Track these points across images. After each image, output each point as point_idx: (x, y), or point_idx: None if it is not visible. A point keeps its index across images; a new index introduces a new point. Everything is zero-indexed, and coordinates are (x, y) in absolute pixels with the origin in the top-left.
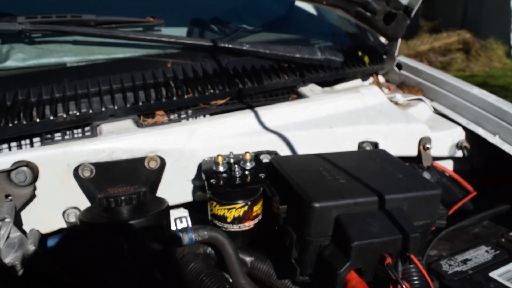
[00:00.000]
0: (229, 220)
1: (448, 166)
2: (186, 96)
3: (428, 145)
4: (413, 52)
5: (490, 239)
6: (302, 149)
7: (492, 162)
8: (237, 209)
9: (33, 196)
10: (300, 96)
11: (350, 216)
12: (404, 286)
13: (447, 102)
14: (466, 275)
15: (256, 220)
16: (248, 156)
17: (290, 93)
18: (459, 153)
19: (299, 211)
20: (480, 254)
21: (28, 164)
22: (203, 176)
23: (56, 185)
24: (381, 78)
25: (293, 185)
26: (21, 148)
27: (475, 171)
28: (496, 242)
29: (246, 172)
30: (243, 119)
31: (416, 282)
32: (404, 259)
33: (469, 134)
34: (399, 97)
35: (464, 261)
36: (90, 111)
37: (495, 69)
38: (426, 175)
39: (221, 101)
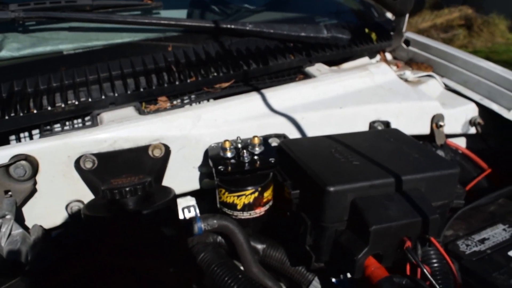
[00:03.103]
0: (239, 207)
1: (461, 143)
2: (189, 80)
3: (441, 123)
4: (414, 29)
5: (507, 217)
6: (312, 131)
7: (507, 138)
8: (247, 196)
9: (33, 191)
10: (307, 76)
11: (366, 199)
12: (425, 270)
13: (458, 77)
14: (485, 255)
15: (267, 207)
16: (256, 140)
17: (296, 74)
18: (473, 130)
19: (313, 196)
20: (498, 233)
21: (27, 158)
22: (210, 163)
23: (57, 178)
24: (388, 56)
25: (305, 169)
26: (20, 141)
27: (489, 148)
28: None
29: (255, 157)
30: (249, 102)
31: (436, 265)
32: (424, 242)
33: (483, 110)
34: (409, 74)
35: (482, 241)
36: (90, 100)
37: (498, 44)
38: (440, 153)
39: (226, 84)
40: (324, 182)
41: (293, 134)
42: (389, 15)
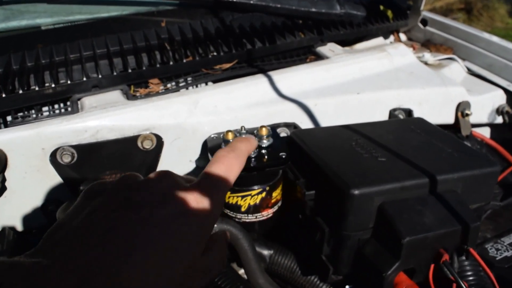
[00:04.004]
0: (243, 209)
1: (485, 134)
2: (184, 60)
3: (467, 111)
4: None
5: None
6: (326, 120)
7: None
8: (253, 196)
9: (2, 189)
10: (319, 57)
11: (397, 204)
12: (465, 287)
13: (482, 61)
14: None
15: (275, 208)
16: (264, 131)
17: (307, 54)
18: (499, 119)
19: (332, 199)
20: None
21: None
22: (210, 157)
23: (30, 174)
24: (402, 36)
25: (322, 167)
26: None
27: None
28: None
29: (263, 151)
30: (254, 86)
31: (472, 278)
32: (461, 253)
33: (511, 97)
34: (428, 56)
35: None
36: (69, 82)
37: (497, 29)
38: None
39: (227, 65)
40: (346, 183)
41: (305, 123)
42: None
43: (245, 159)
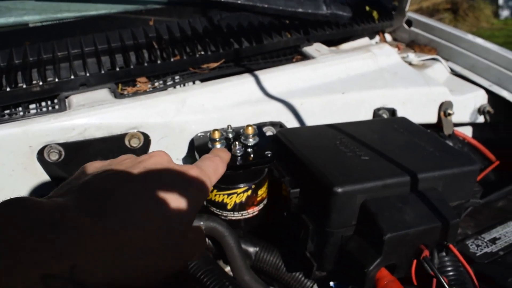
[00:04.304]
0: (229, 207)
1: (467, 133)
2: (172, 59)
3: (449, 111)
4: None
5: None
6: (311, 119)
7: None
8: (239, 194)
9: None
10: (305, 57)
11: (379, 201)
12: (444, 282)
13: (465, 61)
14: (497, 257)
15: (261, 205)
16: (250, 130)
17: (293, 54)
18: (481, 119)
19: (317, 196)
20: (510, 232)
21: None
22: (197, 156)
23: (17, 172)
24: (387, 37)
25: (307, 165)
26: None
27: (497, 138)
28: None
29: (249, 150)
30: (241, 85)
31: (452, 273)
32: (441, 249)
33: (492, 97)
34: (412, 57)
35: (493, 241)
36: (57, 80)
37: (482, 29)
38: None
39: (214, 64)
40: (331, 181)
41: (290, 122)
42: None
43: (226, 165)
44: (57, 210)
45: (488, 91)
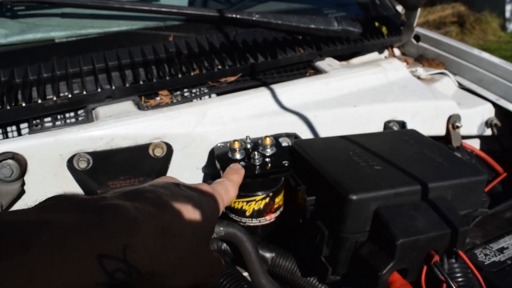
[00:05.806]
0: (248, 213)
1: (475, 145)
2: (192, 73)
3: (458, 124)
4: None
5: None
6: (324, 131)
7: None
8: (257, 202)
9: (21, 193)
10: (317, 71)
11: (391, 208)
12: (454, 287)
13: (472, 76)
14: (505, 265)
15: (277, 213)
16: (268, 141)
17: (306, 68)
18: (488, 132)
19: (332, 204)
20: None
21: (14, 156)
22: (218, 165)
23: (48, 179)
24: (396, 51)
25: (323, 174)
26: (7, 137)
27: (505, 150)
28: None
29: (267, 159)
30: (258, 98)
31: (461, 279)
32: (450, 255)
33: (499, 110)
34: (421, 71)
35: (501, 250)
36: (84, 93)
37: (489, 42)
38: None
39: (232, 78)
40: (345, 189)
41: (305, 133)
42: (398, 8)
43: (238, 187)
44: (103, 199)
45: (495, 105)
